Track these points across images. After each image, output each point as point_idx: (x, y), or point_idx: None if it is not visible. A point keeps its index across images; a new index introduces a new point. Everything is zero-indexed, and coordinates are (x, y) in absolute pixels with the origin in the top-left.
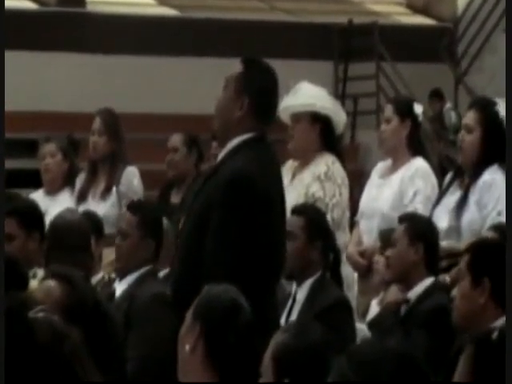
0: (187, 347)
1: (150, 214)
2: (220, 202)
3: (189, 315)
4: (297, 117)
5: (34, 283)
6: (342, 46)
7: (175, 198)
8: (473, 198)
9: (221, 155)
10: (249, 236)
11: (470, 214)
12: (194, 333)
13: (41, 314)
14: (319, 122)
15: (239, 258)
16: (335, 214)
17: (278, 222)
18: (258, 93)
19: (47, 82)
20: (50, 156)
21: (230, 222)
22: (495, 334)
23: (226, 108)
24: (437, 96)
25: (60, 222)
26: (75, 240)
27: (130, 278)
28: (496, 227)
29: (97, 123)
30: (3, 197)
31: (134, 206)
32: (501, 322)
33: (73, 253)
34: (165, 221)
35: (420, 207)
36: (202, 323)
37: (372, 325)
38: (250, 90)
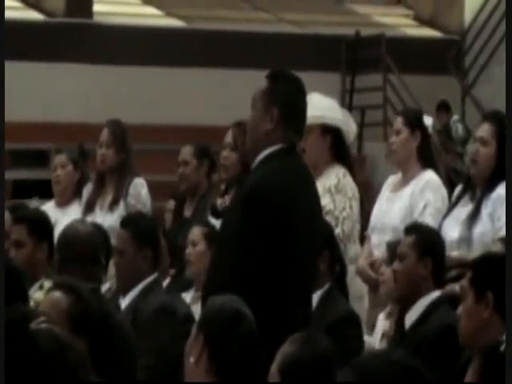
0: (192, 358)
1: (142, 226)
2: (237, 218)
3: (194, 327)
4: (307, 128)
5: (40, 294)
6: (349, 58)
7: (188, 211)
8: (485, 211)
9: (252, 167)
10: (267, 249)
11: (482, 226)
12: (198, 344)
13: (43, 325)
14: (330, 133)
15: (257, 272)
16: (345, 226)
17: (303, 228)
18: (286, 103)
19: (56, 92)
20: (61, 167)
21: (245, 237)
22: (503, 347)
23: (257, 125)
24: (444, 108)
25: (71, 233)
26: (86, 251)
27: (133, 292)
28: (505, 239)
29: (105, 135)
30: (3, 203)
31: (125, 222)
32: None
33: (83, 264)
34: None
35: (430, 220)
36: (206, 334)
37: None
38: (278, 101)
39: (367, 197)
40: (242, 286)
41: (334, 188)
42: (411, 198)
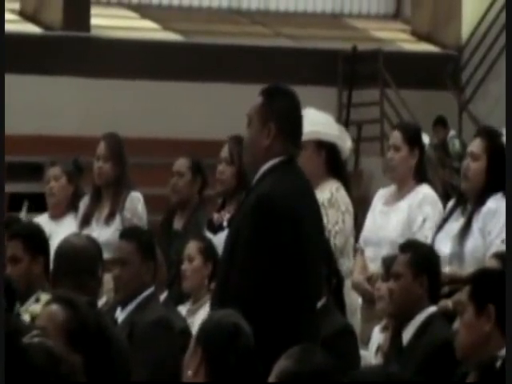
0: (189, 372)
1: (145, 238)
2: (246, 228)
3: (192, 341)
4: (302, 144)
5: (36, 307)
6: (347, 72)
7: (178, 224)
8: (476, 225)
9: (253, 182)
10: (276, 258)
11: (474, 241)
12: (197, 357)
13: (36, 339)
14: (324, 148)
15: (266, 281)
16: (337, 240)
17: (309, 241)
18: (283, 117)
19: (52, 105)
20: (54, 179)
21: (256, 246)
22: (499, 363)
23: (255, 141)
24: (441, 123)
25: (67, 246)
26: (82, 264)
27: (131, 306)
28: (499, 255)
29: (101, 148)
30: (3, 206)
31: (128, 233)
32: (504, 351)
33: (80, 277)
34: None
35: (429, 234)
36: (204, 347)
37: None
38: (275, 116)
39: (364, 211)
40: (254, 297)
41: (327, 202)
42: (409, 211)
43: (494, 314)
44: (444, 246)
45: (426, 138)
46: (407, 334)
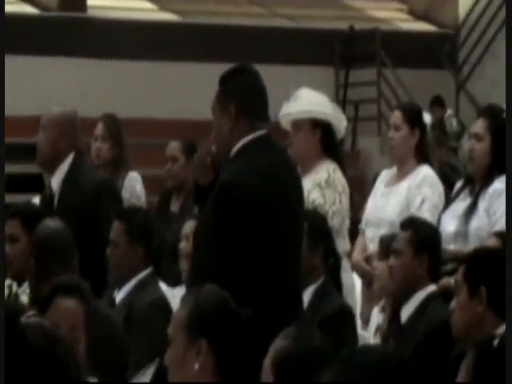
0: (196, 366)
1: (138, 221)
2: (210, 219)
3: (181, 336)
4: (297, 123)
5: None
6: (344, 52)
7: (174, 207)
8: (482, 205)
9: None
10: (241, 242)
11: (479, 220)
12: (200, 350)
13: (32, 319)
14: (320, 128)
15: (234, 270)
16: (335, 221)
17: (284, 221)
18: (241, 95)
19: (48, 86)
20: None
21: (219, 236)
22: (496, 341)
23: (219, 127)
24: (438, 103)
25: (44, 232)
26: (63, 247)
27: (128, 286)
28: (499, 234)
29: (99, 129)
30: (3, 202)
31: (121, 214)
32: (500, 330)
33: (63, 261)
34: None
35: (427, 215)
36: (208, 338)
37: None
38: (232, 97)
39: (361, 191)
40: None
41: (324, 182)
42: (408, 193)
43: (486, 296)
44: (449, 225)
45: (427, 118)
46: (406, 313)
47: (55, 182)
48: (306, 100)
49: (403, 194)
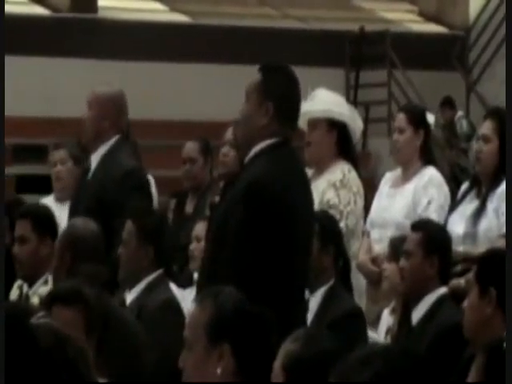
0: (218, 370)
1: (149, 222)
2: (238, 210)
3: (202, 340)
4: (314, 123)
5: (45, 289)
6: (354, 54)
7: (189, 207)
8: (491, 206)
9: (245, 162)
10: (267, 242)
11: (488, 221)
12: (222, 354)
13: (42, 320)
14: (336, 128)
15: (256, 266)
16: (349, 221)
17: (301, 226)
18: (281, 97)
19: (58, 87)
20: (61, 163)
21: (247, 229)
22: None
23: (251, 118)
24: (448, 104)
25: (75, 232)
26: (97, 247)
27: (138, 287)
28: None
29: None
30: (3, 202)
31: (134, 214)
32: None
33: (95, 261)
34: None
35: (434, 216)
36: (231, 342)
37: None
38: (273, 95)
39: (371, 193)
40: (245, 282)
41: (339, 183)
42: (414, 194)
43: (495, 297)
44: (457, 227)
45: (430, 118)
46: (417, 315)
47: (94, 158)
48: (323, 100)
49: (409, 196)
